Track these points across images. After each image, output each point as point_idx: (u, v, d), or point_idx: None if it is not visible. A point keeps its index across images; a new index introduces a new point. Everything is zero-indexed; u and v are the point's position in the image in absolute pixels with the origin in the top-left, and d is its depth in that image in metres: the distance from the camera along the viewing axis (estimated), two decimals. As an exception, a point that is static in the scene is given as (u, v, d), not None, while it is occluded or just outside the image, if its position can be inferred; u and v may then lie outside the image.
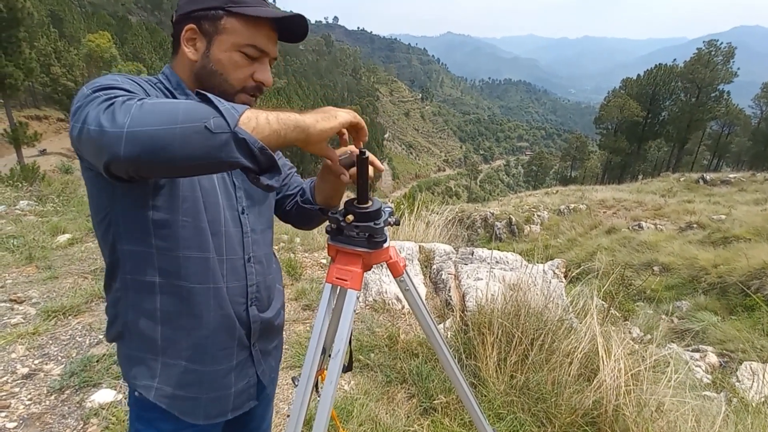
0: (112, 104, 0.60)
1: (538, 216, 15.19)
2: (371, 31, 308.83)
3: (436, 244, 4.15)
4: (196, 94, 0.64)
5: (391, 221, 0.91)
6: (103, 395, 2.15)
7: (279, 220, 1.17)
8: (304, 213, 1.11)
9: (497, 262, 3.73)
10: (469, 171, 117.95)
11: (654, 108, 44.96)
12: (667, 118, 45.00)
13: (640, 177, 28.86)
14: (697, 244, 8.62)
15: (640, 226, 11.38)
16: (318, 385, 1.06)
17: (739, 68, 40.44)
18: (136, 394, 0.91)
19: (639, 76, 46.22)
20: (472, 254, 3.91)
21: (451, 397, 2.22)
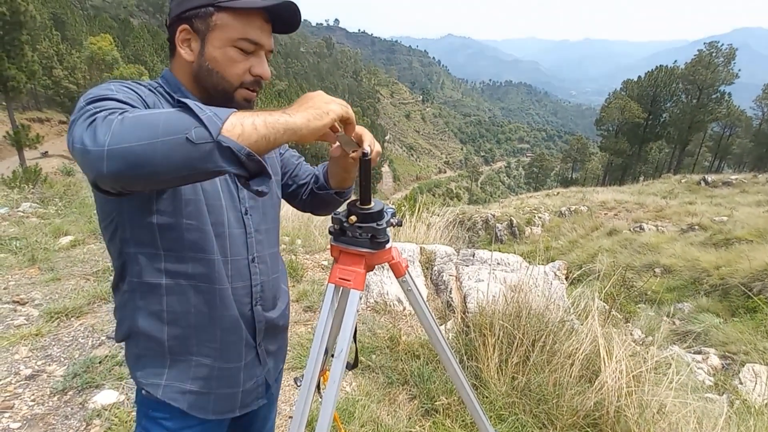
0: (93, 121, 0.59)
1: (539, 218, 15.19)
2: (372, 34, 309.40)
3: (437, 246, 4.15)
4: (177, 102, 0.62)
5: (394, 222, 0.91)
6: (106, 396, 2.16)
7: (283, 220, 1.17)
8: (320, 199, 1.11)
9: (498, 264, 3.73)
10: (470, 173, 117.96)
11: (655, 110, 44.92)
12: (668, 120, 44.96)
13: (642, 179, 28.84)
14: (699, 245, 8.60)
15: (642, 228, 11.36)
16: (320, 386, 1.06)
17: (740, 70, 40.39)
18: (143, 392, 0.92)
19: (640, 77, 46.20)
20: (474, 256, 3.91)
21: (452, 398, 2.22)
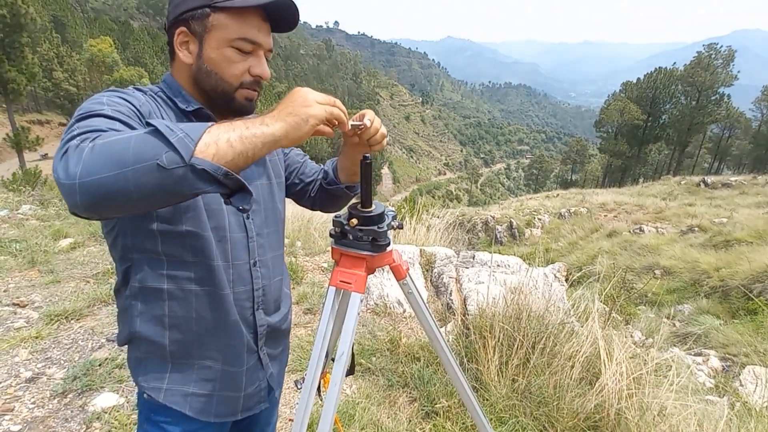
0: (66, 150, 0.57)
1: (539, 219, 15.19)
2: (372, 36, 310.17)
3: (437, 248, 4.15)
4: (146, 125, 0.58)
5: (395, 225, 0.91)
6: (106, 399, 2.16)
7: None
8: (330, 194, 1.11)
9: (498, 266, 3.73)
10: (470, 174, 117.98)
11: (654, 111, 44.99)
12: (667, 122, 45.05)
13: (641, 180, 28.89)
14: (699, 247, 8.59)
15: (641, 230, 11.36)
16: (320, 388, 1.06)
17: (739, 71, 40.50)
18: (145, 396, 0.92)
19: (639, 79, 46.30)
20: (474, 258, 3.91)
21: (452, 401, 2.22)
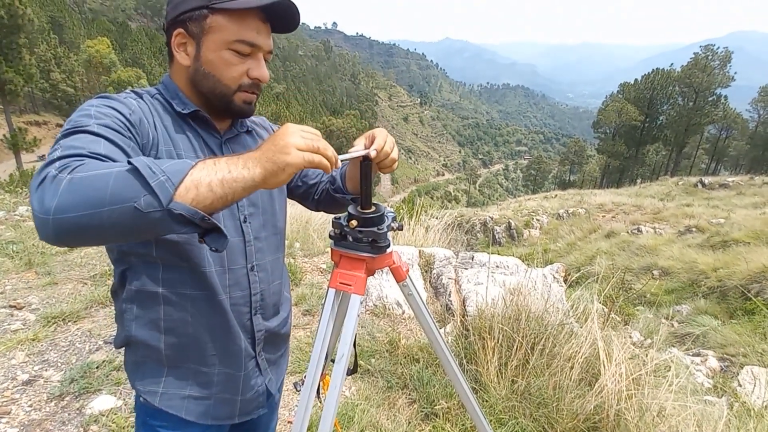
0: (43, 181, 0.56)
1: (538, 220, 15.21)
2: (370, 37, 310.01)
3: (436, 249, 4.15)
4: (128, 163, 0.57)
5: (394, 226, 0.91)
6: (103, 402, 2.14)
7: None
8: (335, 201, 1.10)
9: (497, 267, 3.73)
10: (468, 175, 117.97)
11: (652, 112, 45.14)
12: (665, 122, 45.20)
13: (639, 181, 28.92)
14: (697, 247, 8.62)
15: (639, 230, 11.39)
16: (320, 391, 1.06)
17: (736, 72, 40.62)
18: (141, 400, 0.91)
19: (636, 80, 46.45)
20: (473, 259, 3.91)
21: (452, 402, 2.21)
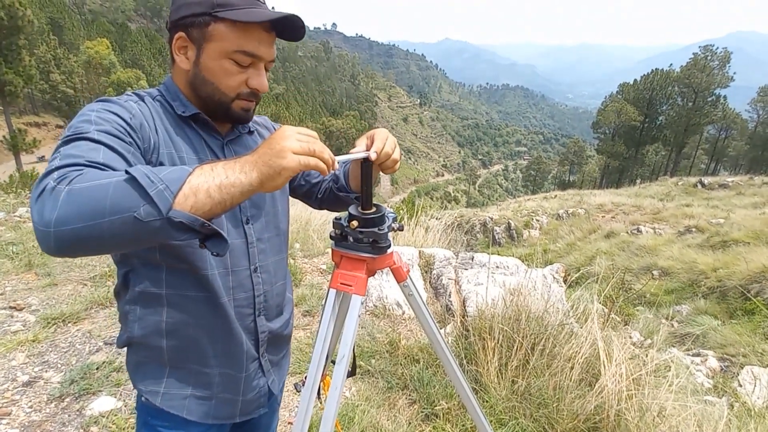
0: (42, 192, 0.57)
1: (537, 220, 15.21)
2: (370, 38, 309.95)
3: (436, 249, 4.15)
4: (126, 173, 0.58)
5: (395, 227, 0.91)
6: (103, 403, 2.14)
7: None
8: (339, 199, 1.10)
9: (497, 267, 3.73)
10: (468, 176, 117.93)
11: (651, 112, 45.14)
12: (664, 123, 45.19)
13: (638, 181, 28.93)
14: (696, 247, 8.62)
15: (639, 231, 11.40)
16: (320, 391, 1.06)
17: (735, 73, 40.63)
18: (143, 399, 0.91)
19: (636, 81, 46.43)
20: (472, 259, 3.91)
21: (452, 403, 2.21)
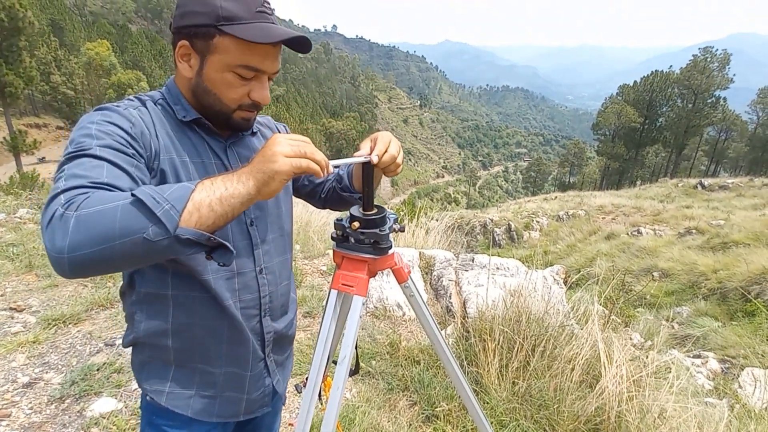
0: (51, 219, 0.59)
1: (537, 222, 15.22)
2: (370, 39, 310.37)
3: (437, 251, 4.15)
4: (131, 195, 0.60)
5: (396, 228, 0.92)
6: (104, 404, 2.14)
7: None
8: (343, 198, 1.11)
9: (497, 269, 3.73)
10: (468, 177, 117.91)
11: (651, 114, 45.18)
12: (664, 124, 45.24)
13: (639, 183, 28.97)
14: (697, 249, 8.62)
15: (639, 232, 11.40)
16: (321, 392, 1.06)
17: (735, 74, 40.66)
18: (148, 398, 0.92)
19: (636, 82, 46.51)
20: (473, 260, 3.91)
21: (453, 404, 2.21)
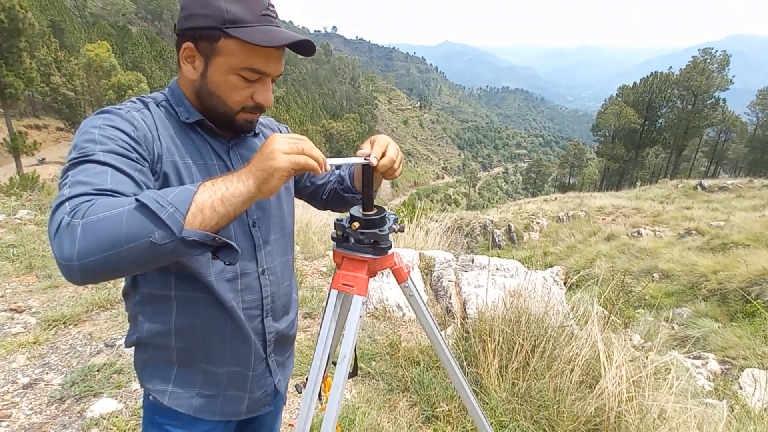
0: (58, 228, 0.59)
1: (537, 223, 15.23)
2: (370, 41, 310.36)
3: (436, 252, 4.16)
4: (136, 200, 0.61)
5: (396, 228, 0.92)
6: (104, 405, 2.14)
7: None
8: (345, 199, 1.12)
9: (497, 269, 3.73)
10: (468, 178, 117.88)
11: (651, 115, 45.21)
12: (664, 125, 45.27)
13: (638, 184, 28.97)
14: (697, 250, 8.63)
15: (639, 233, 11.41)
16: (320, 393, 1.06)
17: (734, 75, 40.68)
18: (150, 398, 0.92)
19: (635, 83, 46.55)
20: (473, 261, 3.91)
21: (453, 405, 2.21)
